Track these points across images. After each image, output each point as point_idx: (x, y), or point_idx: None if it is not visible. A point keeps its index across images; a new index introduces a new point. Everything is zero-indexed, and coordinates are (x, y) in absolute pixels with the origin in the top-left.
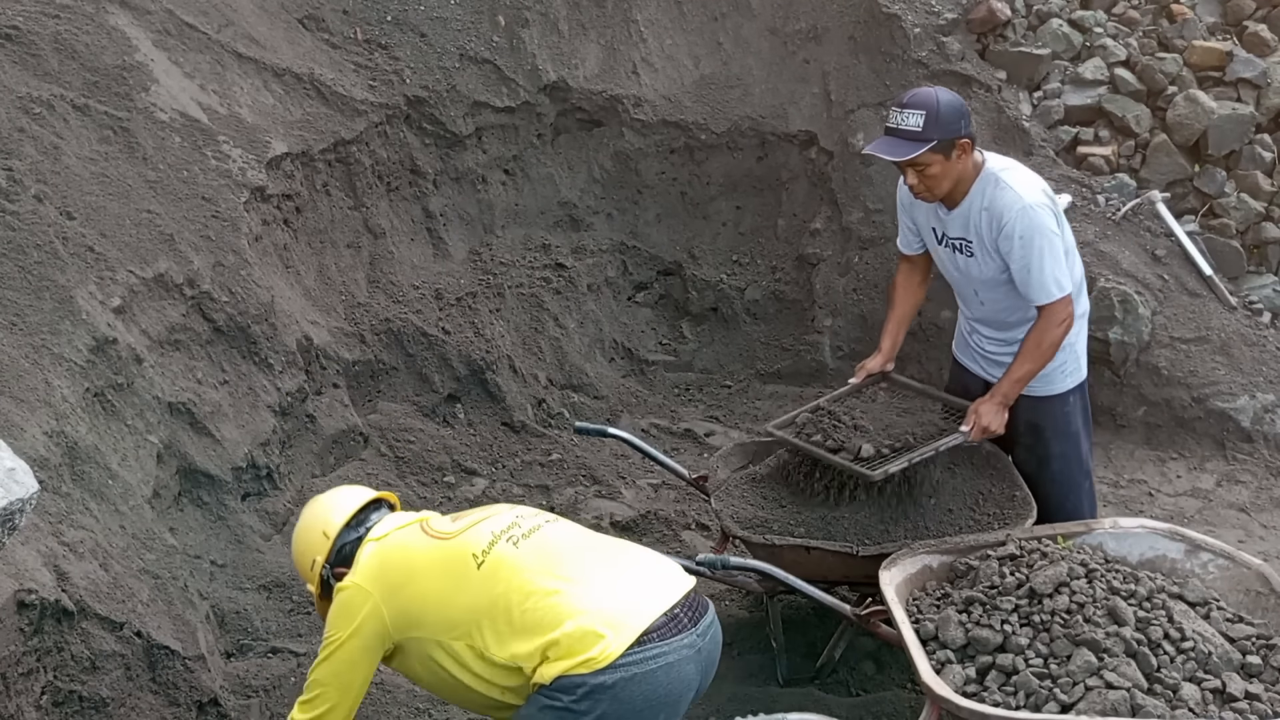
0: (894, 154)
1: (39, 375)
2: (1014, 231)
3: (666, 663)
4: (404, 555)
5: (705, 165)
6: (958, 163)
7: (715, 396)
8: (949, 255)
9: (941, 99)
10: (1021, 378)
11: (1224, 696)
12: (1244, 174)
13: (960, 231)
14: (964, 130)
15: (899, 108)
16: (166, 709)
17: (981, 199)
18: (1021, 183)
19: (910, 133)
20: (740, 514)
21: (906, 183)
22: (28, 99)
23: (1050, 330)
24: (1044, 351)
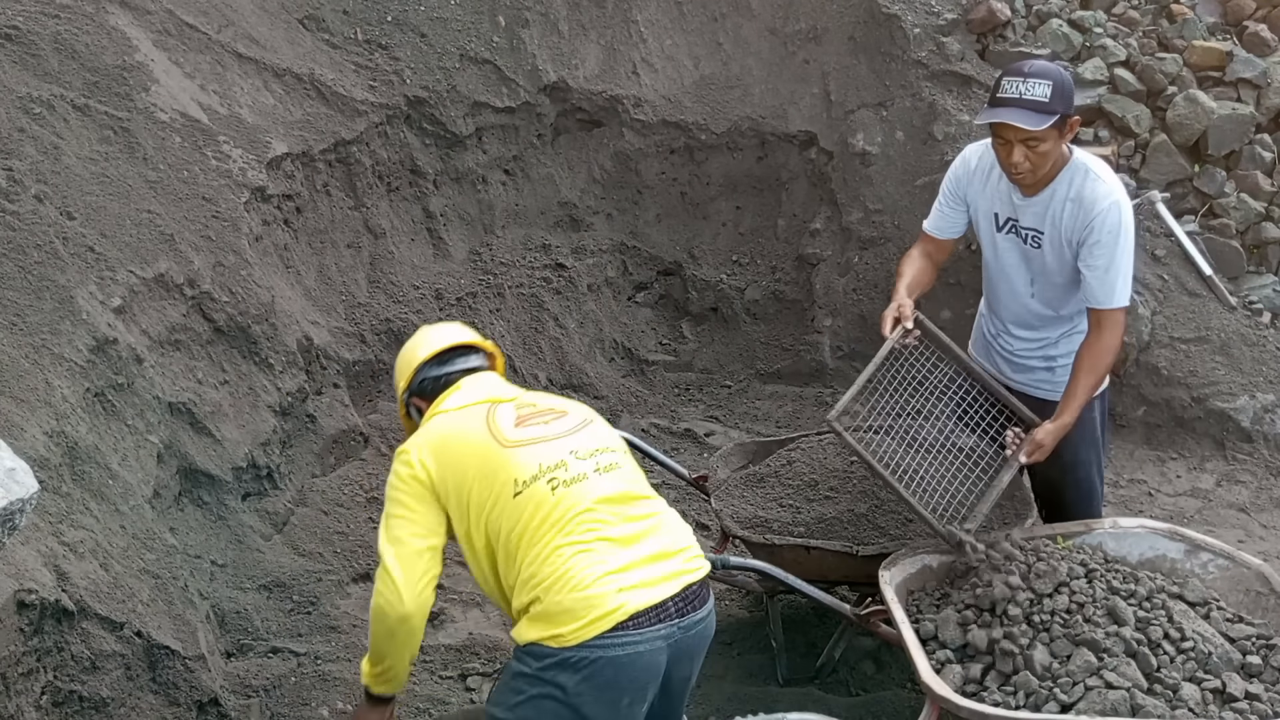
0: (1025, 123)
1: (39, 375)
2: (1103, 225)
3: (635, 651)
4: (460, 446)
5: (705, 165)
6: (1062, 143)
7: (715, 396)
8: (1011, 244)
9: (1064, 71)
10: (1083, 400)
11: (1224, 696)
12: (1244, 174)
13: (1034, 221)
14: (1074, 109)
15: (1020, 77)
16: (166, 709)
17: (1068, 188)
18: (1111, 178)
19: (1037, 103)
20: (740, 514)
21: (1010, 160)
22: (28, 99)
23: (1110, 343)
24: (1105, 367)
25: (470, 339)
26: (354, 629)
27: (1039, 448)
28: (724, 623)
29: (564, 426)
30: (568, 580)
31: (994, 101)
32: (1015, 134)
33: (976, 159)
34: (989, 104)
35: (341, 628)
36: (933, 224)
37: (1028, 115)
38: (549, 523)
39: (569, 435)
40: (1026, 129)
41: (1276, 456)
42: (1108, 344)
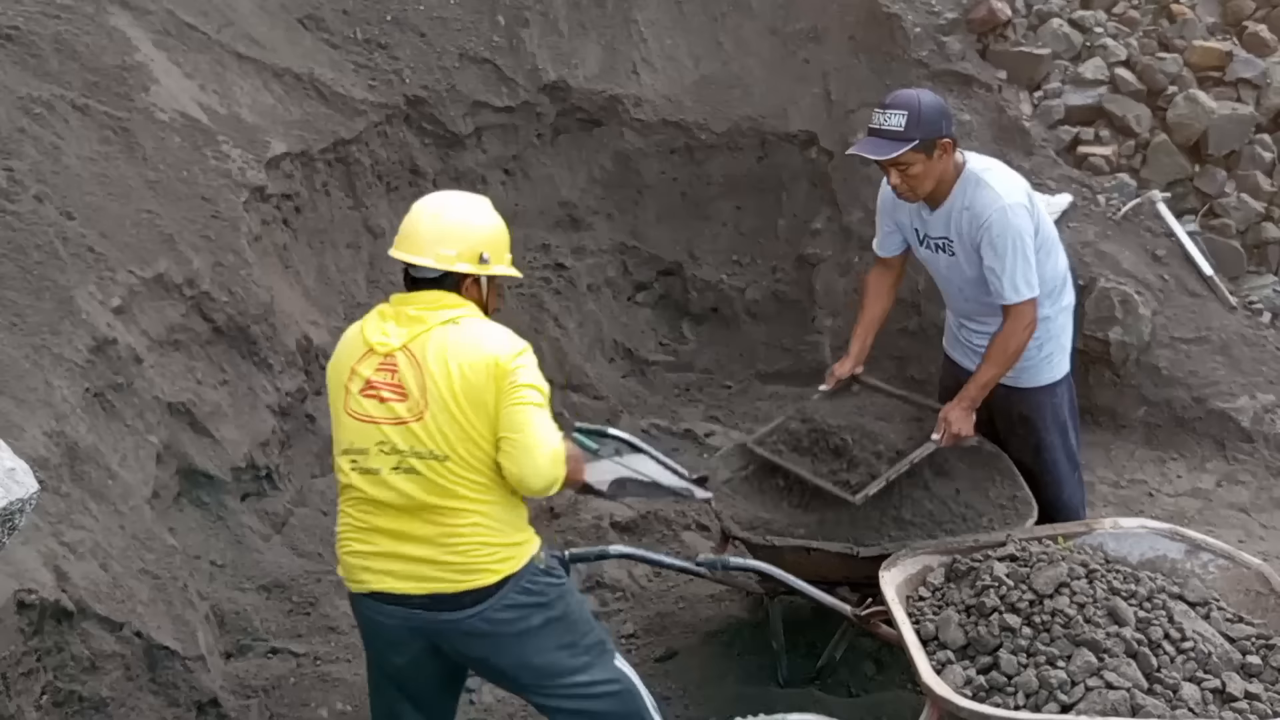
0: (877, 153)
1: (39, 375)
2: (990, 230)
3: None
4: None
5: (705, 165)
6: (939, 162)
7: (715, 396)
8: (931, 256)
9: (924, 99)
10: (987, 382)
11: (1224, 696)
12: (1244, 174)
13: (942, 231)
14: (945, 130)
15: (882, 108)
16: (166, 709)
17: (963, 198)
18: (1001, 182)
19: (892, 132)
20: (741, 515)
21: (890, 183)
22: (28, 99)
23: (1016, 333)
24: (1010, 355)
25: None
26: (353, 629)
27: (945, 422)
28: (724, 624)
29: (392, 412)
30: (342, 542)
31: (867, 132)
32: (881, 162)
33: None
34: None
35: (341, 628)
36: (879, 244)
37: (879, 145)
38: (347, 488)
39: (390, 424)
40: (875, 159)
41: (1276, 456)
42: (1012, 332)
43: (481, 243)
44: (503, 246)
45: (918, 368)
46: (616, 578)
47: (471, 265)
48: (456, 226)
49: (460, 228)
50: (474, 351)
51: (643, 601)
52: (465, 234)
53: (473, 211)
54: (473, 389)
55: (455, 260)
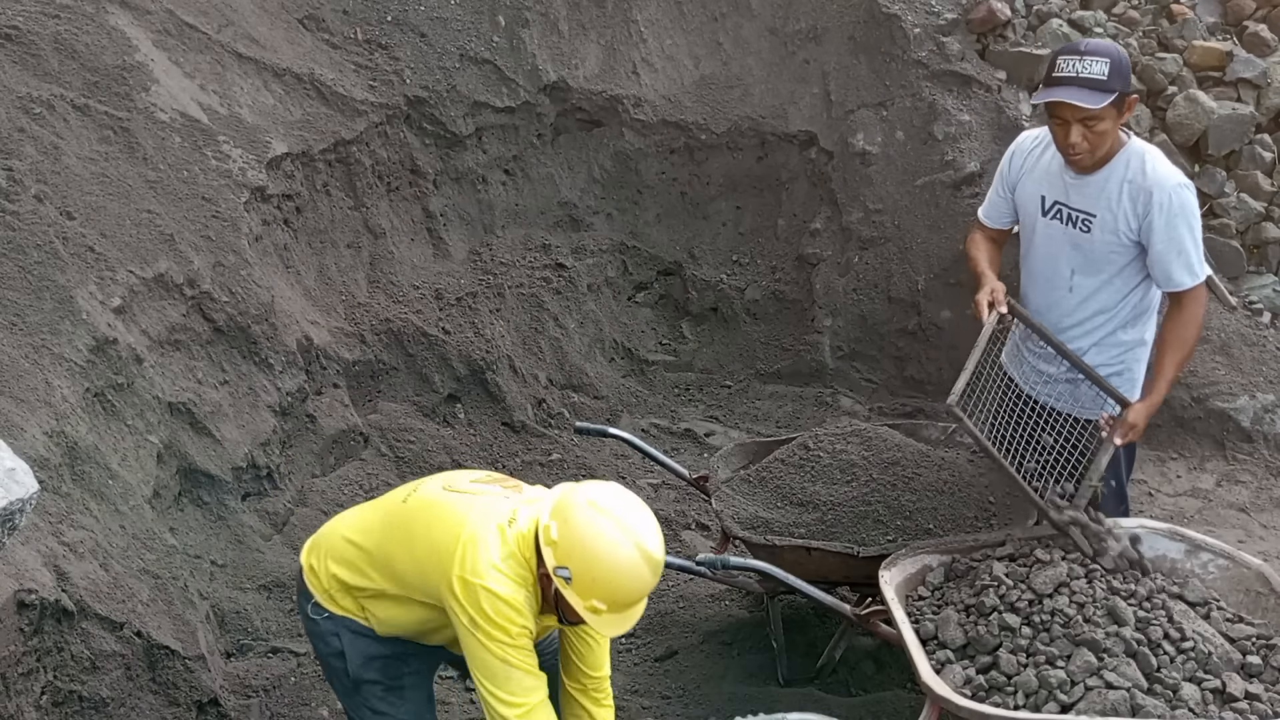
0: (1084, 101)
1: (39, 375)
2: (1166, 207)
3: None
4: None
5: (705, 165)
6: (1119, 123)
7: (715, 396)
8: (1057, 229)
9: (1120, 49)
10: (1172, 376)
11: (1224, 696)
12: (1244, 174)
13: (1085, 203)
14: (1132, 88)
15: (1076, 55)
16: (166, 709)
17: (1125, 170)
18: (1168, 162)
19: (1095, 80)
20: (741, 514)
21: (1068, 141)
22: (28, 99)
23: (1192, 322)
24: (1189, 342)
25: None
26: None
27: (1131, 428)
28: (724, 623)
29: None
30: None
31: (1050, 81)
32: (1074, 113)
33: (1031, 141)
34: (1044, 83)
35: None
36: (986, 212)
37: (1086, 93)
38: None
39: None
40: (1085, 107)
41: (1276, 456)
42: (1189, 318)
43: (575, 558)
44: (600, 589)
45: (916, 368)
46: None
47: (550, 559)
48: (584, 528)
49: (580, 529)
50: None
51: None
52: (573, 536)
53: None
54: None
55: (549, 544)
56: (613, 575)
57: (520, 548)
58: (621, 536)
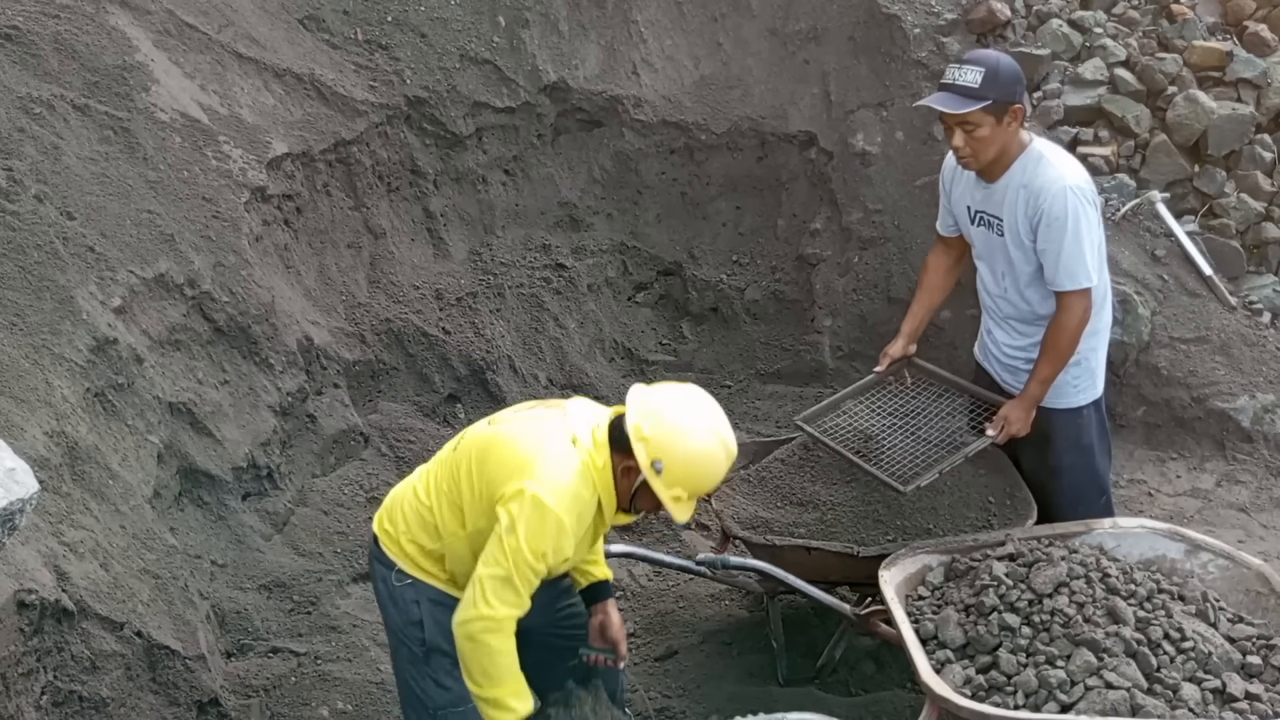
0: (948, 106)
1: (39, 375)
2: (1049, 209)
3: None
4: None
5: (705, 165)
6: (1006, 130)
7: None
8: (983, 234)
9: (1002, 60)
10: (1046, 378)
11: (1224, 696)
12: (1244, 174)
13: (994, 208)
14: (1018, 97)
15: (958, 63)
16: (166, 709)
17: (1022, 175)
18: (1065, 164)
19: (966, 88)
20: (741, 514)
21: (953, 144)
22: (28, 99)
23: (1069, 325)
24: (1063, 348)
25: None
26: (354, 629)
27: (1005, 420)
28: (724, 623)
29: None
30: None
31: (938, 86)
32: (949, 118)
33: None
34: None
35: (342, 628)
36: (940, 222)
37: (952, 99)
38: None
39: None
40: (948, 112)
41: (1276, 456)
42: (1065, 324)
43: (672, 455)
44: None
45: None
46: (617, 577)
47: (644, 456)
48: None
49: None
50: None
51: (643, 600)
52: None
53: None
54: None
55: (641, 440)
56: (701, 466)
57: (592, 459)
58: (708, 431)
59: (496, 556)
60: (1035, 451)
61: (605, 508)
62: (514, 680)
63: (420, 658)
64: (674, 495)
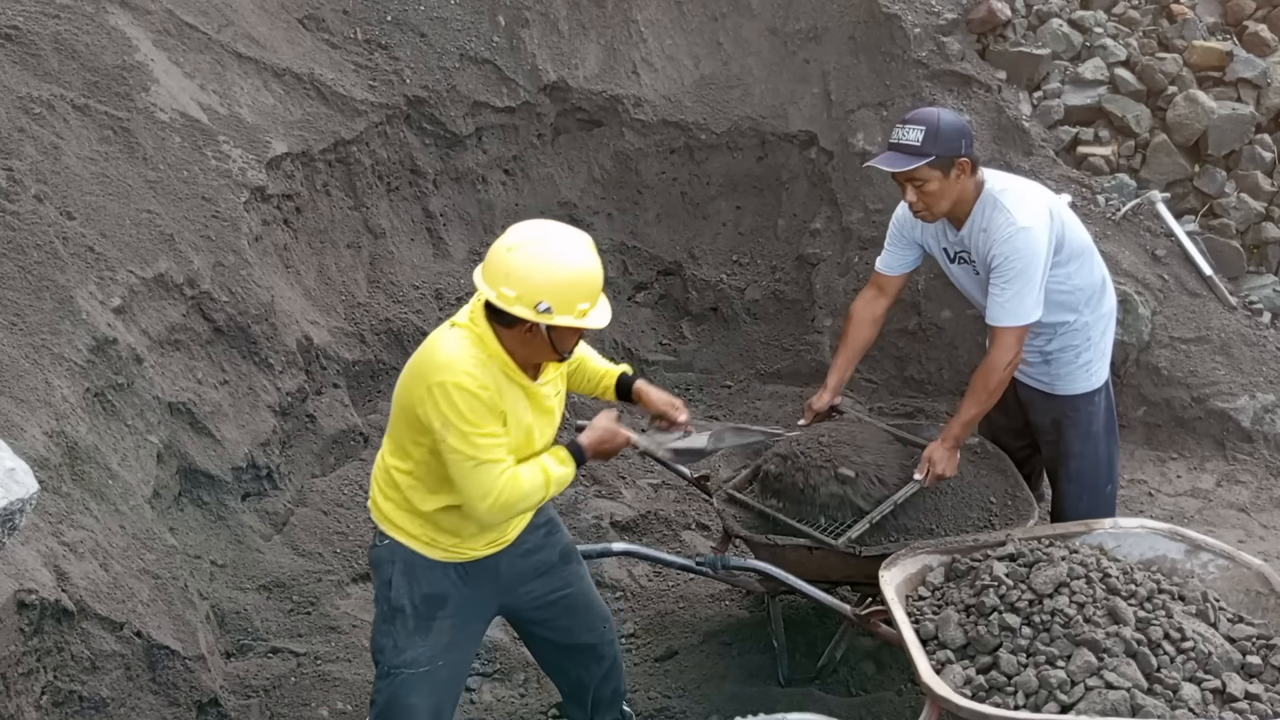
0: (892, 166)
1: (39, 375)
2: (999, 251)
3: None
4: None
5: (705, 165)
6: (956, 182)
7: (715, 396)
8: (963, 272)
9: (943, 118)
10: (970, 420)
11: (1224, 696)
12: (1244, 174)
13: (968, 249)
14: (964, 150)
15: (901, 123)
16: (166, 709)
17: (981, 219)
18: (1019, 204)
19: (910, 147)
20: (742, 514)
21: (906, 199)
22: (28, 99)
23: (998, 366)
24: (992, 388)
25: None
26: (354, 629)
27: (930, 461)
28: (724, 623)
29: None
30: None
31: (887, 146)
32: (898, 175)
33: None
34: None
35: (341, 628)
36: (884, 262)
37: (897, 158)
38: None
39: None
40: (891, 170)
41: (1276, 456)
42: (994, 361)
43: (545, 290)
44: (574, 295)
45: (917, 368)
46: (617, 577)
47: (529, 312)
48: (524, 267)
49: (528, 269)
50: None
51: (643, 600)
52: (529, 277)
53: (548, 254)
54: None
55: (514, 302)
56: (578, 276)
57: (471, 330)
58: (557, 247)
59: (456, 462)
60: (1049, 439)
61: (507, 369)
62: (546, 477)
63: (387, 616)
64: (578, 314)
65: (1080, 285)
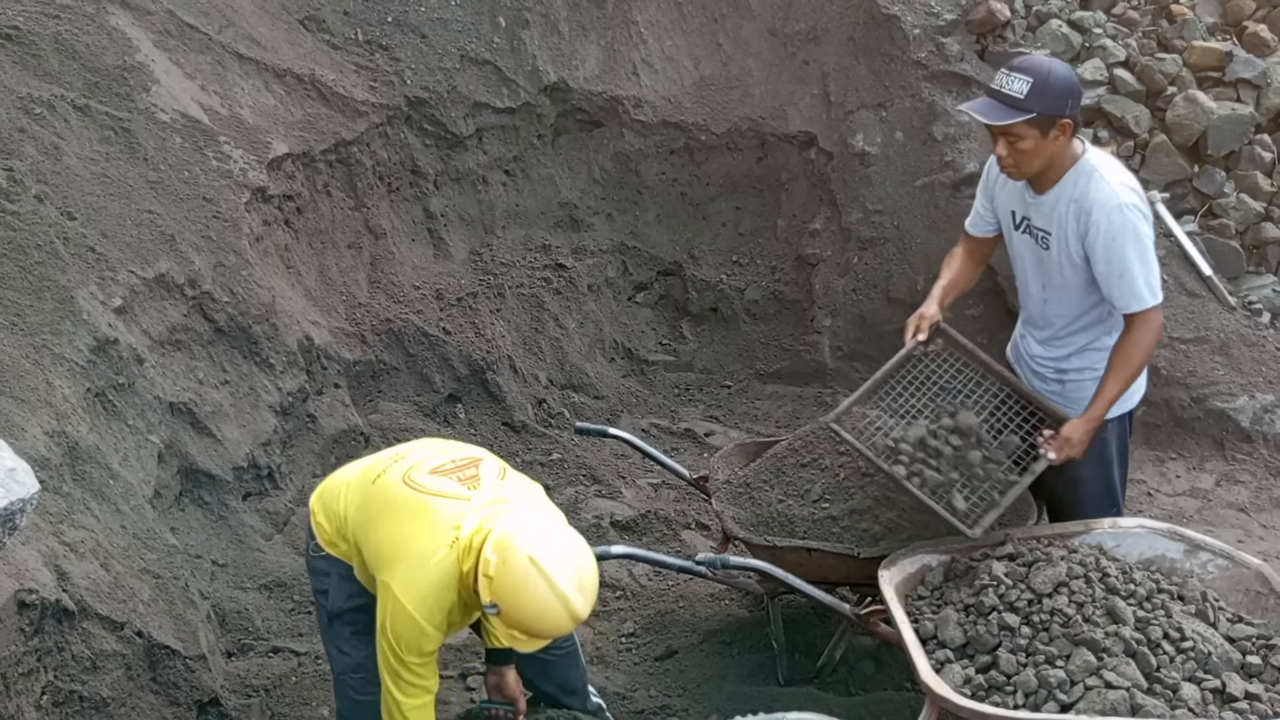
0: (990, 116)
1: (40, 375)
2: (1102, 229)
3: None
4: None
5: (705, 166)
6: (1054, 144)
7: (715, 396)
8: (1025, 243)
9: (1055, 70)
10: (1113, 396)
11: (1224, 696)
12: (1243, 174)
13: (1043, 221)
14: (1069, 111)
15: (1008, 70)
16: (167, 709)
17: (1073, 189)
18: (1118, 179)
19: (1011, 98)
20: (741, 514)
21: (996, 152)
22: (28, 99)
23: (1142, 342)
24: (1135, 365)
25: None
26: None
27: (1067, 443)
28: (724, 623)
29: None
30: None
31: (985, 91)
32: (992, 127)
33: None
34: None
35: None
36: (970, 221)
37: (995, 108)
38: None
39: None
40: (985, 122)
41: (1276, 456)
42: (1136, 341)
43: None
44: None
45: None
46: (617, 577)
47: (485, 595)
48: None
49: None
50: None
51: (643, 600)
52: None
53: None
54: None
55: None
56: (536, 623)
57: (459, 560)
58: (552, 598)
59: (384, 651)
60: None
61: (472, 605)
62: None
63: (326, 623)
64: (509, 634)
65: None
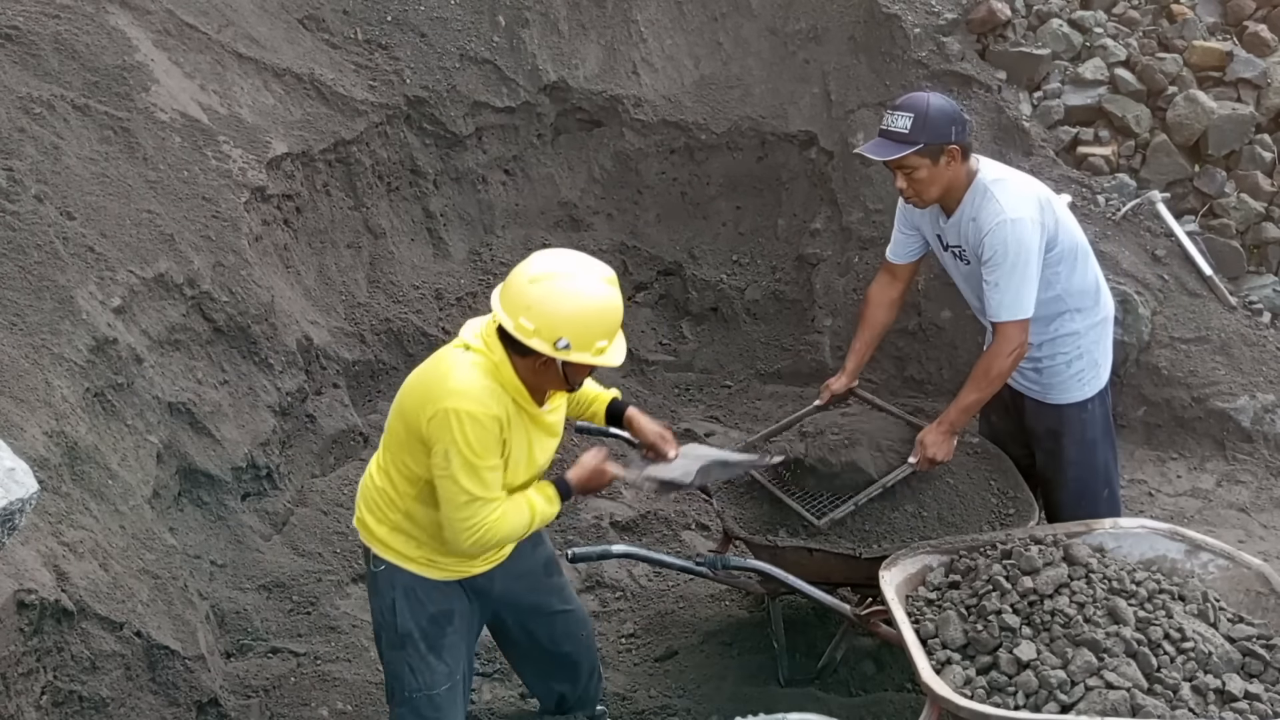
0: (878, 154)
1: (39, 375)
2: (987, 243)
3: None
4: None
5: (705, 165)
6: (946, 169)
7: (715, 396)
8: (950, 261)
9: (932, 103)
10: (968, 406)
11: (1224, 696)
12: (1244, 174)
13: (956, 239)
14: (955, 137)
15: (891, 109)
16: (166, 709)
17: (971, 207)
18: (1010, 194)
19: (898, 134)
20: (742, 515)
21: (896, 185)
22: (28, 99)
23: (999, 355)
24: (991, 377)
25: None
26: (354, 629)
27: (921, 445)
28: (724, 623)
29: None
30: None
31: (878, 132)
32: (888, 162)
33: None
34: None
35: (341, 628)
36: (892, 249)
37: (884, 146)
38: None
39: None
40: (878, 159)
41: (1276, 456)
42: (996, 352)
43: (565, 327)
44: (593, 333)
45: (917, 368)
46: (616, 577)
47: (546, 346)
48: (545, 301)
49: (550, 304)
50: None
51: (643, 601)
52: (551, 312)
53: (572, 290)
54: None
55: (532, 335)
56: (599, 314)
57: (487, 357)
58: (580, 283)
59: (450, 492)
60: (1046, 448)
61: (519, 397)
62: (531, 515)
63: (396, 643)
64: (596, 351)
65: (1070, 289)
